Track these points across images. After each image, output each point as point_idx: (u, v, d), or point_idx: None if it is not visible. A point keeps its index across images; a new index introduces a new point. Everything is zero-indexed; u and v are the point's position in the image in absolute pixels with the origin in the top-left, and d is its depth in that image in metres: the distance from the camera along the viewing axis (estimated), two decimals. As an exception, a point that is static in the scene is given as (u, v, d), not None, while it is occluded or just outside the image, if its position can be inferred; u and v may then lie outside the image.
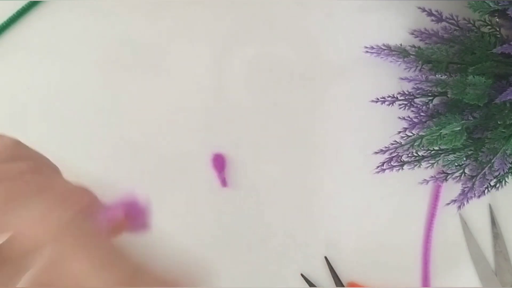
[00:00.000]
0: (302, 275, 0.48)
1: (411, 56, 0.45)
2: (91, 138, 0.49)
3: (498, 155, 0.41)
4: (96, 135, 0.48)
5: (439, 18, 0.46)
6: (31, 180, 0.27)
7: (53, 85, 0.49)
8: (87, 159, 0.49)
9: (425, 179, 0.45)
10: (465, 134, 0.41)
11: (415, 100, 0.45)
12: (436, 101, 0.45)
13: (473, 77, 0.41)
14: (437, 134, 0.41)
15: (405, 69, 0.46)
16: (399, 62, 0.46)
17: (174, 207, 0.49)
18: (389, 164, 0.44)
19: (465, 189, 0.43)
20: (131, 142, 0.49)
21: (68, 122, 0.49)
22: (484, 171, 0.42)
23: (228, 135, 0.49)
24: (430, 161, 0.44)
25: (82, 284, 0.23)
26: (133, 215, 0.34)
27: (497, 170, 0.41)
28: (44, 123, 0.49)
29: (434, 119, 0.43)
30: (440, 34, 0.46)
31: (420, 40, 0.47)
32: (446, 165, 0.44)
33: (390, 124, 0.47)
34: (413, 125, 0.44)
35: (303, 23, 0.50)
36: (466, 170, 0.44)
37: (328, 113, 0.49)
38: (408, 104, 0.45)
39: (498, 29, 0.45)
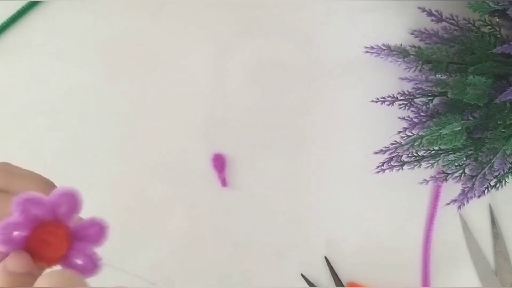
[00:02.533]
0: (302, 275, 0.48)
1: (411, 56, 0.45)
2: (91, 138, 0.49)
3: (498, 155, 0.41)
4: (96, 135, 0.48)
5: (439, 18, 0.46)
6: None
7: (53, 84, 0.49)
8: (87, 159, 0.49)
9: (425, 179, 0.45)
10: (465, 134, 0.41)
11: (415, 100, 0.45)
12: (436, 101, 0.45)
13: (473, 77, 0.41)
14: (437, 134, 0.40)
15: (405, 69, 0.46)
16: (399, 62, 0.46)
17: (174, 207, 0.49)
18: (389, 164, 0.44)
19: (465, 189, 0.43)
20: (131, 141, 0.49)
21: (68, 122, 0.49)
22: (484, 171, 0.42)
23: (228, 135, 0.49)
24: (430, 161, 0.44)
25: None
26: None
27: (497, 170, 0.41)
28: (44, 123, 0.49)
29: (434, 119, 0.43)
30: (440, 34, 0.46)
31: (420, 40, 0.47)
32: (446, 165, 0.44)
33: (390, 124, 0.47)
34: (413, 125, 0.44)
35: (303, 23, 0.50)
36: (466, 170, 0.44)
37: (328, 113, 0.49)
38: (408, 104, 0.45)
39: (498, 29, 0.45)
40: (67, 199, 0.23)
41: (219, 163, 0.48)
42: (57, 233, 0.23)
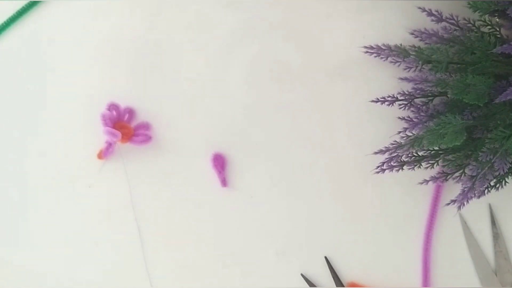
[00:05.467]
0: (302, 275, 0.48)
1: (411, 56, 0.45)
2: (90, 139, 0.49)
3: (498, 155, 0.41)
4: (95, 136, 0.48)
5: (439, 18, 0.46)
6: None
7: (53, 85, 0.49)
8: (85, 159, 0.49)
9: (425, 179, 0.45)
10: (465, 134, 0.41)
11: (415, 100, 0.45)
12: (436, 101, 0.45)
13: (473, 77, 0.41)
14: (437, 134, 0.40)
15: (405, 69, 0.46)
16: (399, 62, 0.46)
17: (174, 207, 0.49)
18: (389, 164, 0.44)
19: (465, 189, 0.43)
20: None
21: (67, 122, 0.49)
22: (484, 171, 0.42)
23: (228, 135, 0.49)
24: (430, 161, 0.44)
25: None
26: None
27: (497, 170, 0.41)
28: (44, 123, 0.49)
29: (434, 119, 0.43)
30: (440, 34, 0.46)
31: (420, 40, 0.47)
32: (446, 165, 0.44)
33: (390, 124, 0.47)
34: (413, 125, 0.44)
35: (303, 23, 0.50)
36: (466, 170, 0.44)
37: (328, 113, 0.49)
38: (408, 104, 0.45)
39: (498, 29, 0.45)
40: (130, 112, 0.48)
41: (219, 163, 0.48)
42: (126, 127, 0.48)
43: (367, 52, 0.48)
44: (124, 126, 0.48)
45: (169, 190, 0.49)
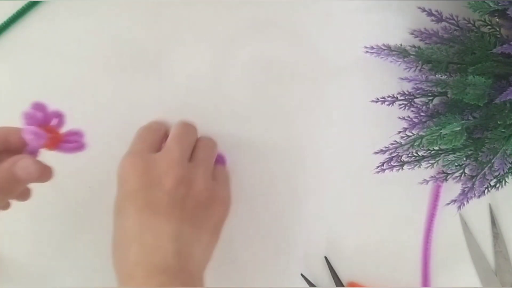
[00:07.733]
0: (302, 275, 0.48)
1: (411, 56, 0.45)
2: (90, 138, 0.49)
3: (498, 155, 0.41)
4: (95, 135, 0.48)
5: (439, 18, 0.46)
6: None
7: (53, 85, 0.49)
8: (84, 160, 0.48)
9: (425, 179, 0.45)
10: (465, 134, 0.41)
11: (415, 100, 0.45)
12: (436, 101, 0.45)
13: (473, 77, 0.41)
14: (437, 134, 0.40)
15: (405, 69, 0.46)
16: (399, 62, 0.46)
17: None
18: (389, 164, 0.44)
19: (465, 189, 0.43)
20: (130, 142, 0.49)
21: (67, 122, 0.49)
22: (484, 171, 0.42)
23: (228, 135, 0.49)
24: (430, 161, 0.44)
25: None
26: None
27: (497, 170, 0.41)
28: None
29: (434, 119, 0.43)
30: (440, 34, 0.46)
31: (420, 40, 0.47)
32: (446, 165, 0.44)
33: (390, 124, 0.47)
34: (413, 125, 0.44)
35: (303, 23, 0.50)
36: (466, 170, 0.44)
37: (327, 113, 0.49)
38: (408, 104, 0.45)
39: (498, 29, 0.45)
40: (59, 117, 0.41)
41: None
42: (54, 131, 0.40)
43: (367, 52, 0.48)
44: (52, 131, 0.40)
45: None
